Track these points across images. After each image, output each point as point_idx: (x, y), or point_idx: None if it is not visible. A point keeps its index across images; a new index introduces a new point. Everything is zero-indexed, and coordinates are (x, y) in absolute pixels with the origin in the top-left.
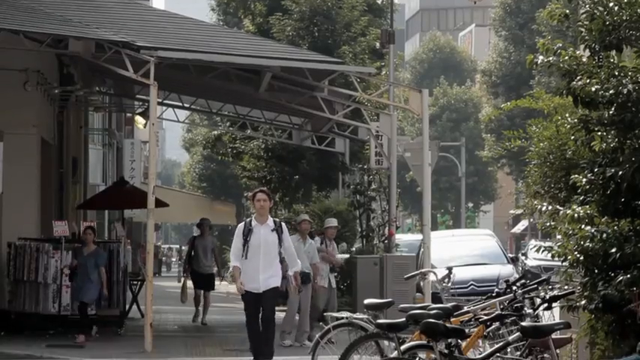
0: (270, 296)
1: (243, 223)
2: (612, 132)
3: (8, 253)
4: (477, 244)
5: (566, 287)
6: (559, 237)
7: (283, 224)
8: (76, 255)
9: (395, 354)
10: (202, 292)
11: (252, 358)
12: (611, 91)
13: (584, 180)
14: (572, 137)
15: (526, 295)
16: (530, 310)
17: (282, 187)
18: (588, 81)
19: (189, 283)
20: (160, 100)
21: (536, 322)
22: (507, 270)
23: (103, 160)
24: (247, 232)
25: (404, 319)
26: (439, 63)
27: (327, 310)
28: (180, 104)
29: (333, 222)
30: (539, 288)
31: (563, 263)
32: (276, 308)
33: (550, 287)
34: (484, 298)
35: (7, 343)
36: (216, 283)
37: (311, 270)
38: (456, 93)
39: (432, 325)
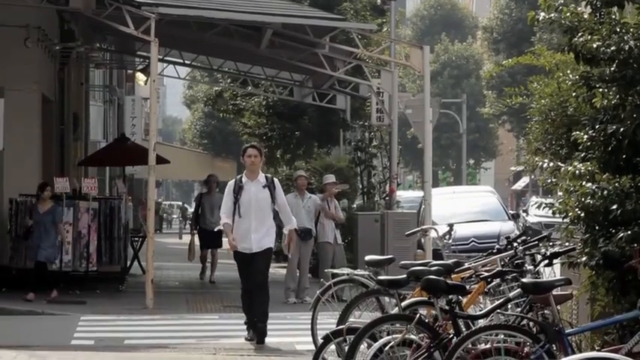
0: (263, 258)
1: (234, 180)
2: (614, 89)
3: (10, 210)
4: (478, 201)
5: (566, 244)
6: (560, 194)
7: (276, 180)
8: (31, 213)
9: (396, 310)
10: (209, 250)
11: (246, 331)
12: (612, 48)
13: (586, 137)
14: (574, 94)
15: (527, 252)
16: (531, 267)
17: (283, 144)
18: (590, 37)
19: (197, 240)
20: (161, 57)
21: (536, 278)
22: (508, 227)
23: (103, 116)
24: (238, 190)
25: (405, 275)
26: (440, 20)
27: (334, 266)
28: (181, 61)
29: (330, 178)
30: (540, 245)
31: (564, 220)
32: (277, 265)
33: (551, 244)
34: (485, 254)
35: (9, 299)
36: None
37: (312, 226)
38: (457, 50)
39: (432, 281)
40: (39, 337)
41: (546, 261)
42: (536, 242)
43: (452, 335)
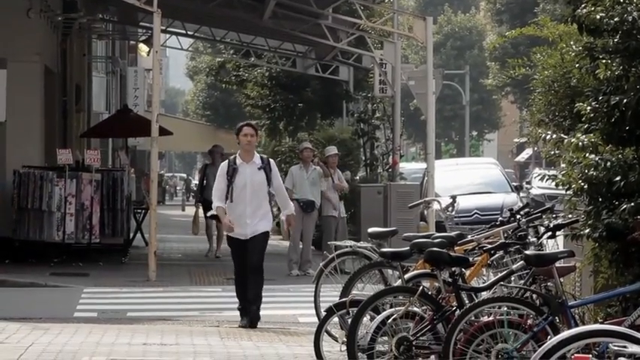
0: (259, 242)
1: (227, 162)
2: (617, 60)
3: (13, 181)
4: (481, 173)
5: (570, 216)
6: (563, 165)
7: (272, 161)
8: None
9: (399, 282)
10: (215, 222)
11: (240, 318)
12: (615, 19)
13: (589, 108)
14: (577, 65)
15: (530, 224)
16: (534, 239)
17: (286, 116)
18: (593, 8)
19: (201, 213)
20: (164, 28)
21: (539, 250)
22: (511, 198)
23: (106, 88)
24: (232, 172)
25: (408, 247)
26: None
27: (337, 239)
28: (184, 32)
29: (332, 150)
30: (543, 216)
31: (567, 192)
32: (280, 237)
33: (554, 216)
34: (488, 226)
35: (12, 271)
36: None
37: (316, 198)
38: (460, 21)
39: (435, 253)
40: (42, 310)
41: (549, 233)
42: (540, 214)
43: (455, 308)
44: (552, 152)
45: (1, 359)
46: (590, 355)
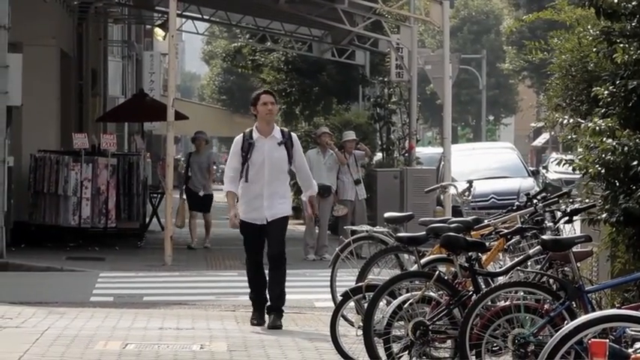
0: (279, 229)
1: (241, 136)
2: (635, 44)
3: (29, 166)
4: (498, 157)
5: (587, 200)
6: (580, 150)
7: (294, 135)
8: None
9: (415, 267)
10: (199, 214)
11: (252, 309)
12: (633, 3)
13: (606, 92)
14: (594, 49)
15: (547, 209)
16: (551, 224)
17: (302, 100)
18: None
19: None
20: (180, 12)
21: (556, 235)
22: (528, 183)
23: (122, 72)
24: (248, 147)
25: (424, 232)
26: None
27: (353, 223)
28: (200, 16)
29: (351, 135)
30: (560, 201)
31: (584, 176)
32: (296, 222)
33: (571, 200)
34: (505, 211)
35: (28, 256)
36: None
37: (332, 183)
38: (477, 5)
39: (452, 238)
40: (58, 294)
41: (566, 218)
42: (557, 199)
43: (471, 292)
44: (569, 137)
45: (17, 343)
46: (607, 340)
